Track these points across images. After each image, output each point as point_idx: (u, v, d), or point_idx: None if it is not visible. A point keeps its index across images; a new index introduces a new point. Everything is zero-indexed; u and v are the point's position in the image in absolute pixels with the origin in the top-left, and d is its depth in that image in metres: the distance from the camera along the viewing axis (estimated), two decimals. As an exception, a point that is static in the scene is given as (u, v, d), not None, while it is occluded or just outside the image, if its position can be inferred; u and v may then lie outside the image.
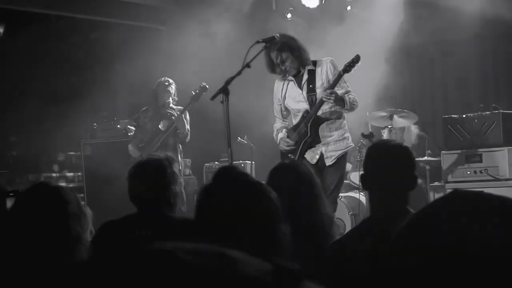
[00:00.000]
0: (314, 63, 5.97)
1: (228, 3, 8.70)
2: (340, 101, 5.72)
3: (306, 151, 5.90)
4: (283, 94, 6.10)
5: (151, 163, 3.68)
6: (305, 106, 5.93)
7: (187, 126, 7.48)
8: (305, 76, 5.92)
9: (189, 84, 8.03)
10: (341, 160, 5.90)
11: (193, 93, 7.39)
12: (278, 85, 6.15)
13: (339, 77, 5.74)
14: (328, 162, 5.80)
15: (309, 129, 5.87)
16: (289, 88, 6.06)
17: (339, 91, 5.76)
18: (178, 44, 8.72)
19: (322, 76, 5.88)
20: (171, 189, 3.63)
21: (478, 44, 8.04)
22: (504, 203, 1.14)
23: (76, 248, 2.33)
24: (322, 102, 5.78)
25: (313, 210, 3.25)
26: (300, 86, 5.95)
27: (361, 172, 3.17)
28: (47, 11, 9.25)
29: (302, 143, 5.90)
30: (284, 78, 6.05)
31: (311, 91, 5.89)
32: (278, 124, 6.26)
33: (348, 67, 5.73)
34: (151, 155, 3.79)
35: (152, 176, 3.62)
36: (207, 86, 6.49)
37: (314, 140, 5.88)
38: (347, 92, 5.85)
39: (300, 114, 5.97)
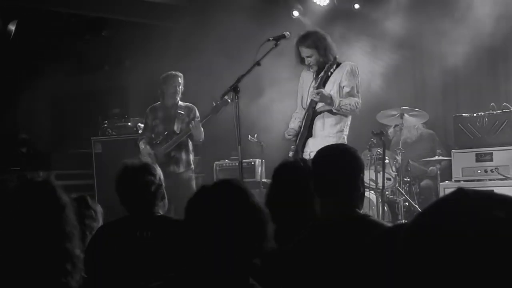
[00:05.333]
0: (339, 64, 6.09)
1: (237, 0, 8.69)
2: (327, 99, 5.86)
3: (303, 145, 6.02)
4: (304, 84, 6.30)
5: (139, 167, 3.75)
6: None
7: (202, 135, 7.46)
8: (323, 74, 6.02)
9: (199, 81, 8.04)
10: None
11: (214, 104, 7.23)
12: (304, 75, 6.29)
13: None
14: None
15: (302, 125, 6.04)
16: (307, 79, 6.24)
17: (345, 89, 5.95)
18: (189, 42, 8.74)
19: (336, 82, 5.98)
20: (160, 191, 3.70)
21: (488, 42, 8.00)
22: (506, 201, 1.15)
23: (70, 243, 2.33)
24: (314, 102, 6.00)
25: (306, 208, 3.27)
26: (315, 80, 6.05)
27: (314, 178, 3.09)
28: (58, 8, 9.28)
29: (299, 137, 6.01)
30: (309, 69, 6.22)
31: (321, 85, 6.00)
32: (294, 114, 6.37)
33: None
34: (132, 161, 3.85)
35: (142, 179, 3.68)
36: (229, 100, 6.36)
37: (306, 136, 6.05)
38: (351, 96, 5.96)
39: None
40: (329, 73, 6.02)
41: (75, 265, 2.32)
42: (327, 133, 6.02)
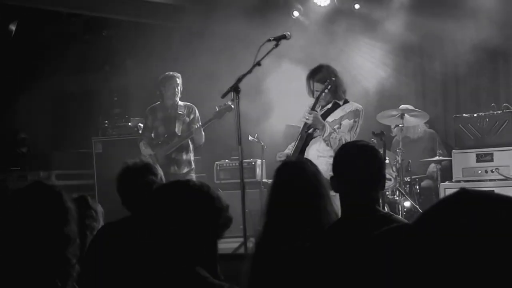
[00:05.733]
0: (346, 101, 6.07)
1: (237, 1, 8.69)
2: (319, 124, 5.84)
3: None
4: None
5: (140, 167, 3.74)
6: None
7: (203, 139, 7.46)
8: (328, 107, 6.00)
9: (200, 81, 8.04)
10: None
11: (217, 109, 7.24)
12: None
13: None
14: None
15: (294, 148, 5.98)
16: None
17: (343, 125, 5.91)
18: (189, 42, 8.74)
19: (337, 117, 5.95)
20: None
21: (489, 42, 8.00)
22: (506, 201, 1.14)
23: (70, 247, 2.33)
24: (307, 126, 5.94)
25: (319, 209, 3.26)
26: (314, 106, 5.98)
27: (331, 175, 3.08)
28: (59, 8, 9.28)
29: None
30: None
31: (323, 117, 5.97)
32: (292, 144, 6.37)
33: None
34: (133, 161, 3.86)
35: (143, 179, 3.67)
36: (232, 106, 6.34)
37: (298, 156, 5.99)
38: (343, 132, 5.90)
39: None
40: (334, 108, 6.01)
41: (68, 272, 2.31)
42: (315, 155, 5.91)
